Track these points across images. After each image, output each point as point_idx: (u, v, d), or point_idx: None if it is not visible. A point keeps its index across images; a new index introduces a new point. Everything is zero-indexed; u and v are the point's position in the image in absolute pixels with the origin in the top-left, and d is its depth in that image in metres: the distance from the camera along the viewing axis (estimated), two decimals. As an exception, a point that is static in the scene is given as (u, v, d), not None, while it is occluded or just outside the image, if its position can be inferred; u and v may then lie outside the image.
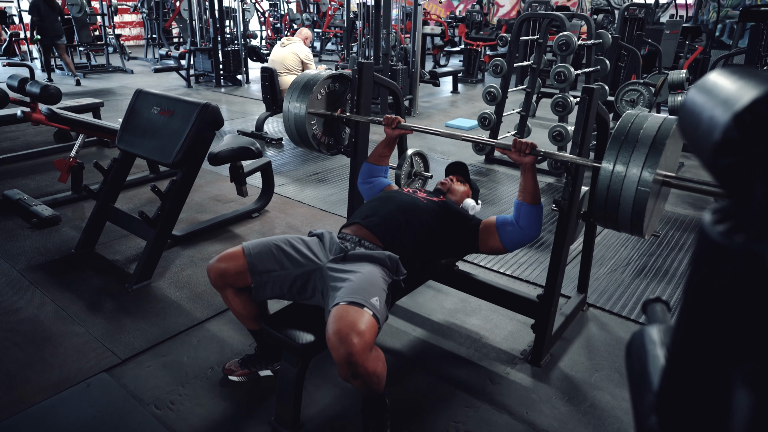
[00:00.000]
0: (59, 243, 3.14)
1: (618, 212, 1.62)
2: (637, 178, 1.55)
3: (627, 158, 1.57)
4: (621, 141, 1.61)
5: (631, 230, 1.65)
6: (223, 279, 1.83)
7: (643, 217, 1.57)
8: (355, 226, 2.00)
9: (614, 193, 1.60)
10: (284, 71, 5.52)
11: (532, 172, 1.96)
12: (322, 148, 2.55)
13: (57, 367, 2.10)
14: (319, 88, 2.42)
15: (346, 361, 1.47)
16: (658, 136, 1.56)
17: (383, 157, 2.38)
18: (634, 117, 1.65)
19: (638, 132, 1.59)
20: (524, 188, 1.98)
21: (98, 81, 8.85)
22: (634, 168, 1.56)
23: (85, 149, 4.70)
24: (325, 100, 2.49)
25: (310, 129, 2.43)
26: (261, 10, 13.47)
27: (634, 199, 1.57)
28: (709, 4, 11.72)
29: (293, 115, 2.41)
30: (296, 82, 2.44)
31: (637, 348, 0.64)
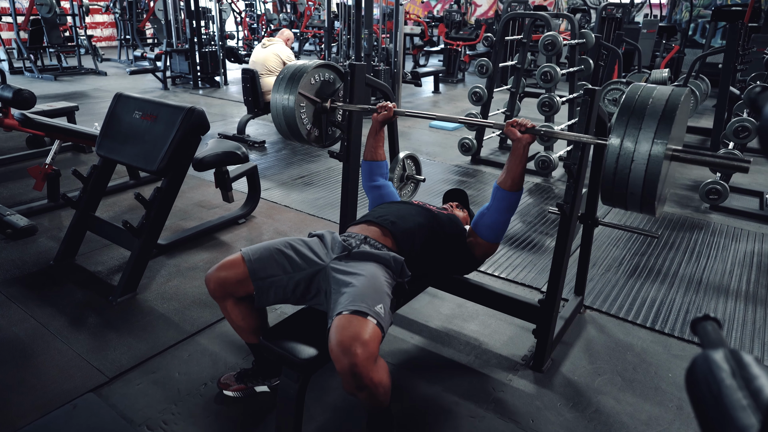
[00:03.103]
0: (36, 254, 3.01)
1: (627, 189, 1.54)
2: (647, 151, 1.47)
3: (636, 131, 1.49)
4: (629, 114, 1.53)
5: (641, 208, 1.57)
6: (223, 288, 1.76)
7: (655, 193, 1.49)
8: (363, 224, 1.95)
9: (623, 169, 1.52)
10: (266, 73, 5.42)
11: (524, 152, 1.88)
12: (312, 140, 2.46)
13: (39, 389, 1.99)
14: (310, 77, 2.33)
15: (350, 373, 1.41)
16: (668, 107, 1.49)
17: (377, 149, 2.32)
18: (641, 88, 1.59)
19: (646, 103, 1.52)
20: (509, 170, 1.90)
21: (71, 84, 8.60)
22: (644, 141, 1.48)
23: (61, 155, 4.54)
24: (316, 88, 2.40)
25: (299, 118, 2.33)
26: (237, 10, 13.27)
27: (645, 172, 1.48)
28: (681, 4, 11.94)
29: (281, 105, 2.31)
30: (285, 71, 2.35)
31: (705, 377, 0.59)
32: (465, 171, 4.79)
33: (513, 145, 1.90)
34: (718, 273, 3.00)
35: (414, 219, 1.95)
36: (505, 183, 1.90)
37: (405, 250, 1.84)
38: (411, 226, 1.91)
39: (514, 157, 1.89)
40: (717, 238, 3.46)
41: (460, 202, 2.49)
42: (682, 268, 3.05)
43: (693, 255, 3.21)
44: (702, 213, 3.89)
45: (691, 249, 3.29)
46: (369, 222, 1.95)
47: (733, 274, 2.99)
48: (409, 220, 1.94)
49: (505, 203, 1.93)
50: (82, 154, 4.87)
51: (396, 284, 1.75)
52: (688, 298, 2.73)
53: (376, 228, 1.90)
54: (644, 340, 2.39)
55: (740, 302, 2.71)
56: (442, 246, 1.98)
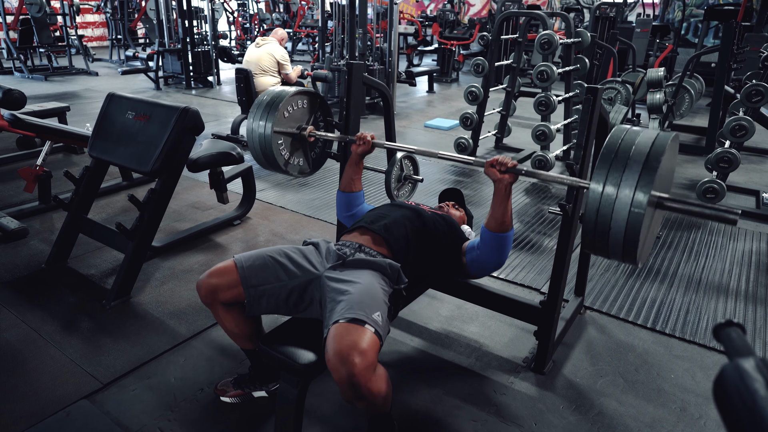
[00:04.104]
0: (28, 258, 2.95)
1: (609, 239, 1.44)
2: (629, 200, 1.37)
3: (618, 178, 1.39)
4: (611, 160, 1.44)
5: (623, 258, 1.47)
6: (214, 295, 1.72)
7: (637, 244, 1.40)
8: (357, 231, 1.91)
9: (604, 218, 1.42)
10: (260, 72, 5.37)
11: (506, 192, 1.76)
12: (291, 170, 2.30)
13: (32, 396, 1.94)
14: (285, 106, 2.18)
15: (348, 383, 1.37)
16: (652, 154, 1.39)
17: (355, 180, 2.21)
18: (624, 132, 1.49)
19: (629, 149, 1.42)
20: (493, 212, 1.79)
21: (61, 84, 8.50)
22: (626, 189, 1.38)
23: (52, 156, 4.47)
24: (291, 118, 2.25)
25: (277, 149, 2.19)
26: (230, 9, 13.20)
27: (627, 223, 1.39)
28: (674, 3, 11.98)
29: (258, 134, 2.16)
30: (260, 101, 2.20)
31: (737, 388, 0.56)
32: (461, 171, 4.77)
33: (495, 185, 1.78)
34: (717, 272, 2.99)
35: (408, 224, 1.90)
36: (489, 224, 1.81)
37: (400, 257, 1.80)
38: (405, 231, 1.87)
39: (496, 197, 1.78)
40: (715, 237, 3.45)
41: (456, 202, 2.46)
42: (681, 267, 3.04)
43: (692, 254, 3.20)
44: (699, 212, 3.88)
45: (690, 248, 3.28)
46: (362, 229, 1.90)
47: (732, 274, 2.98)
48: (403, 226, 1.88)
49: (493, 245, 1.84)
50: (73, 155, 4.80)
51: (393, 291, 1.72)
52: (688, 297, 2.72)
53: (370, 235, 1.86)
54: (645, 341, 2.37)
55: (740, 301, 2.70)
56: (437, 250, 1.95)
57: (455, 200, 2.46)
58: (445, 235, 1.97)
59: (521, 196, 4.15)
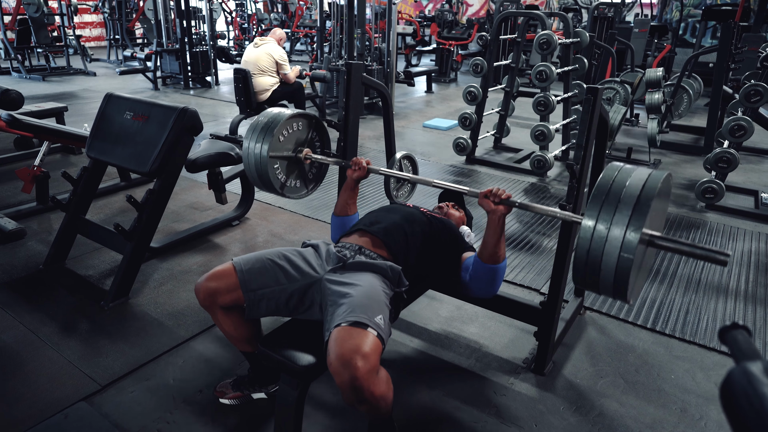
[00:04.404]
0: (25, 259, 2.94)
1: (600, 276, 1.42)
2: (619, 243, 1.35)
3: (609, 220, 1.37)
4: (602, 199, 1.41)
5: (614, 295, 1.46)
6: (212, 299, 1.70)
7: (627, 283, 1.38)
8: (357, 233, 1.89)
9: (595, 254, 1.40)
10: (258, 72, 5.36)
11: (499, 224, 1.73)
12: (287, 192, 2.28)
13: (29, 398, 1.93)
14: (281, 130, 2.15)
15: (350, 387, 1.36)
16: (644, 194, 1.37)
17: (350, 205, 2.17)
18: (617, 170, 1.48)
19: (621, 188, 1.40)
20: (485, 243, 1.76)
21: (59, 84, 8.48)
22: (617, 230, 1.36)
23: (50, 156, 4.46)
24: (288, 141, 2.22)
25: (273, 173, 2.16)
26: (228, 10, 13.18)
27: (617, 261, 1.37)
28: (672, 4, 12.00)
29: (254, 157, 2.13)
30: (256, 123, 2.17)
31: (745, 391, 0.56)
32: (460, 171, 4.76)
33: (488, 216, 1.76)
34: (716, 272, 2.99)
35: (407, 227, 1.88)
36: (482, 254, 1.78)
37: (400, 259, 1.79)
38: (404, 234, 1.85)
39: (489, 228, 1.75)
40: (714, 237, 3.45)
41: (455, 202, 2.45)
42: (680, 267, 3.03)
43: (691, 254, 3.20)
44: (698, 212, 3.88)
45: (689, 248, 3.28)
46: (361, 231, 1.89)
47: (732, 274, 2.98)
48: (402, 228, 1.87)
49: (484, 276, 1.81)
50: (71, 155, 4.79)
51: (394, 294, 1.71)
52: (688, 298, 2.72)
53: (369, 237, 1.85)
54: (645, 342, 2.36)
55: (740, 302, 2.70)
56: (437, 252, 1.93)
57: (455, 201, 2.45)
58: (444, 238, 1.96)
59: (520, 196, 4.15)
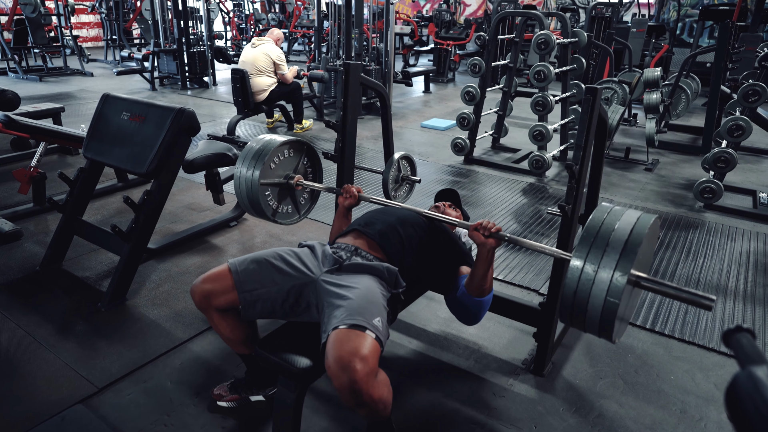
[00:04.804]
0: (22, 260, 2.92)
1: (585, 318, 1.42)
2: (606, 286, 1.36)
3: (596, 263, 1.38)
4: (591, 242, 1.42)
5: (599, 334, 1.47)
6: (208, 301, 1.69)
7: (612, 325, 1.39)
8: (352, 234, 1.88)
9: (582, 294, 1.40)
10: (256, 73, 5.35)
11: (488, 257, 1.70)
12: (279, 218, 2.26)
13: (26, 400, 1.91)
14: (272, 157, 2.13)
15: (349, 390, 1.35)
16: (632, 238, 1.37)
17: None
18: (607, 212, 1.48)
19: (610, 231, 1.41)
20: (473, 275, 1.74)
21: (56, 85, 8.45)
22: (604, 274, 1.37)
23: (47, 157, 4.43)
24: (279, 167, 2.20)
25: (264, 200, 2.14)
26: (225, 10, 13.16)
27: (603, 303, 1.37)
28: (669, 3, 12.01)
29: (245, 184, 2.11)
30: (248, 150, 2.15)
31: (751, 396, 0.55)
32: (458, 171, 4.75)
33: (478, 249, 1.72)
34: (715, 272, 2.98)
35: (402, 229, 1.87)
36: (470, 287, 1.76)
37: (395, 261, 1.78)
38: (399, 236, 1.84)
39: (479, 261, 1.72)
40: (713, 237, 3.45)
41: (452, 202, 2.44)
42: (679, 268, 3.03)
43: (689, 254, 3.20)
44: (696, 212, 3.88)
45: (687, 248, 3.28)
46: (357, 233, 1.88)
47: (731, 274, 2.98)
48: (396, 230, 1.85)
49: (469, 307, 1.79)
50: (68, 156, 4.77)
51: (391, 296, 1.70)
52: (687, 298, 2.71)
53: (364, 239, 1.84)
54: (645, 342, 2.36)
55: (739, 302, 2.69)
56: (433, 253, 1.92)
57: (451, 200, 2.44)
58: (440, 239, 1.94)
59: (519, 197, 4.14)
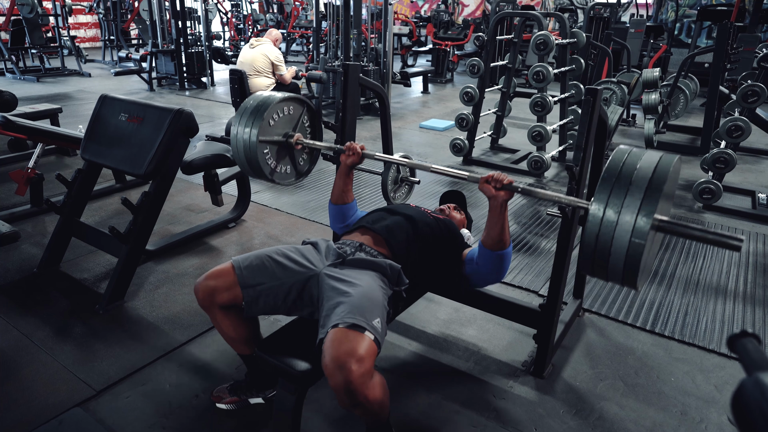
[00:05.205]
0: (19, 262, 2.91)
1: (608, 263, 1.38)
2: (630, 228, 1.31)
3: (619, 204, 1.33)
4: (613, 181, 1.37)
5: (623, 282, 1.42)
6: (211, 298, 1.68)
7: (637, 271, 1.35)
8: (358, 231, 1.88)
9: (604, 242, 1.35)
10: (254, 73, 5.34)
11: (501, 210, 1.68)
12: (277, 178, 2.20)
13: (23, 404, 1.90)
14: (271, 114, 2.07)
15: (344, 390, 1.35)
16: (656, 177, 1.33)
17: (346, 192, 2.12)
18: (627, 153, 1.44)
19: (632, 171, 1.36)
20: (489, 230, 1.72)
21: (54, 85, 8.43)
22: (628, 216, 1.32)
23: (44, 158, 4.42)
24: (278, 125, 2.14)
25: (262, 158, 2.08)
26: (223, 10, 13.14)
27: (627, 249, 1.33)
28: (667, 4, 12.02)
29: (242, 142, 2.05)
30: (245, 106, 2.10)
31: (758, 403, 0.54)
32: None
33: (489, 202, 1.70)
34: (714, 273, 2.98)
35: (410, 226, 1.87)
36: (486, 242, 1.75)
37: (401, 258, 1.78)
38: (406, 233, 1.84)
39: (492, 215, 1.70)
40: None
41: (457, 204, 2.44)
42: (678, 268, 3.03)
43: (689, 255, 3.19)
44: (696, 212, 3.88)
45: (687, 249, 3.27)
46: (363, 229, 1.88)
47: (730, 275, 2.97)
48: (405, 227, 1.86)
49: (489, 262, 1.78)
50: (66, 157, 4.75)
51: (393, 293, 1.69)
52: (687, 299, 2.71)
53: (370, 235, 1.84)
54: (644, 344, 2.35)
55: (738, 303, 2.69)
56: (438, 253, 1.92)
57: (457, 203, 2.43)
58: (445, 239, 1.94)
59: (517, 197, 4.13)
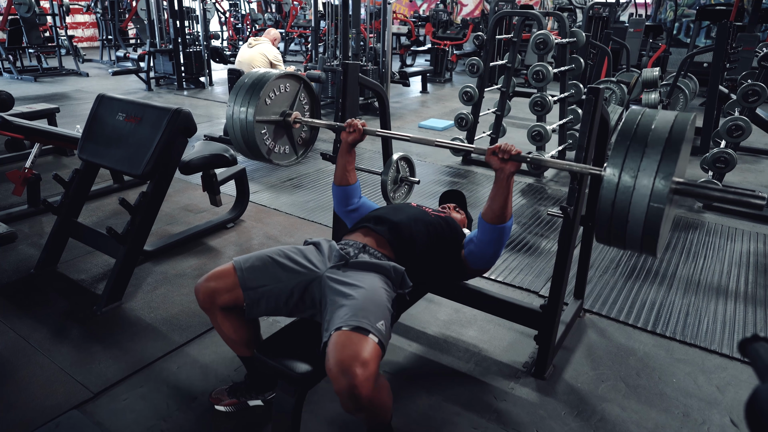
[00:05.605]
0: (16, 262, 2.88)
1: (626, 230, 1.33)
2: (649, 190, 1.25)
3: (636, 165, 1.28)
4: (627, 144, 1.32)
5: (642, 249, 1.37)
6: (212, 299, 1.67)
7: (657, 235, 1.29)
8: (362, 230, 1.86)
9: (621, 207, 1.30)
10: (252, 73, 5.32)
11: (508, 182, 1.68)
12: (274, 158, 2.16)
13: (20, 406, 1.88)
14: (267, 92, 2.01)
15: (348, 394, 1.33)
16: (673, 135, 1.27)
17: (349, 171, 2.09)
18: (641, 113, 1.39)
19: (647, 132, 1.30)
20: (492, 201, 1.71)
21: (51, 85, 8.40)
22: (646, 175, 1.26)
23: (41, 158, 4.39)
24: (275, 104, 2.10)
25: (260, 138, 2.03)
26: (221, 10, 13.11)
27: (646, 212, 1.27)
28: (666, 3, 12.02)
29: (239, 121, 2.00)
30: (241, 83, 2.03)
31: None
32: (456, 172, 4.73)
33: (496, 174, 1.69)
34: (715, 273, 2.97)
35: (413, 227, 1.85)
36: (486, 215, 1.74)
37: (404, 259, 1.76)
38: (410, 233, 1.83)
39: (496, 187, 1.69)
40: (712, 238, 3.44)
41: (457, 204, 2.42)
42: (679, 269, 3.01)
43: (689, 255, 3.18)
44: (696, 212, 3.87)
45: (687, 249, 3.26)
46: (366, 229, 1.86)
47: (731, 275, 2.96)
48: (408, 228, 1.84)
49: (489, 236, 1.77)
50: (63, 157, 4.73)
51: (396, 296, 1.67)
52: (688, 299, 2.70)
53: (374, 236, 1.82)
54: (646, 344, 2.34)
55: (740, 303, 2.68)
56: (441, 253, 1.91)
57: (457, 202, 2.41)
58: (448, 238, 1.93)
59: (517, 198, 4.12)
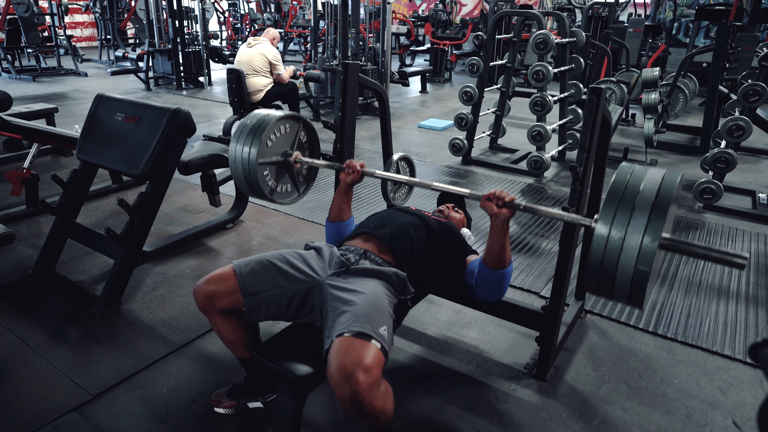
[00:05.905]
0: (14, 263, 2.87)
1: (615, 283, 1.33)
2: (636, 251, 1.26)
3: (624, 227, 1.28)
4: (616, 206, 1.32)
5: (629, 302, 1.38)
6: (211, 302, 1.65)
7: (644, 291, 1.30)
8: (362, 236, 1.84)
9: (610, 261, 1.30)
10: (251, 73, 5.31)
11: (503, 228, 1.64)
12: (277, 198, 2.13)
13: (18, 408, 1.87)
14: (269, 134, 2.00)
15: (351, 401, 1.31)
16: (659, 200, 1.29)
17: (345, 210, 2.06)
18: (631, 171, 1.39)
19: (635, 194, 1.31)
20: (490, 248, 1.67)
21: (50, 85, 8.37)
22: (633, 239, 1.27)
23: (39, 158, 4.38)
24: (276, 145, 2.07)
25: (262, 179, 2.01)
26: (220, 9, 13.09)
27: (634, 269, 1.28)
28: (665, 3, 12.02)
29: (242, 164, 1.98)
30: (243, 126, 2.02)
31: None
32: (456, 172, 4.72)
33: (491, 220, 1.66)
34: (716, 274, 2.96)
35: (413, 232, 1.84)
36: (487, 261, 1.70)
37: (406, 265, 1.75)
38: (411, 239, 1.81)
39: (493, 233, 1.66)
40: (713, 238, 3.43)
41: (456, 204, 2.41)
42: (680, 269, 3.01)
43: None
44: (696, 212, 3.86)
45: (688, 249, 3.25)
46: (366, 235, 1.84)
47: (732, 276, 2.95)
48: (408, 234, 1.82)
49: (491, 281, 1.73)
50: (62, 157, 4.71)
51: (398, 302, 1.66)
52: (689, 300, 2.69)
53: (374, 242, 1.80)
54: (648, 345, 2.33)
55: (741, 304, 2.67)
56: (442, 258, 1.89)
57: (455, 202, 2.40)
58: (448, 243, 1.92)
59: (517, 198, 4.10)
